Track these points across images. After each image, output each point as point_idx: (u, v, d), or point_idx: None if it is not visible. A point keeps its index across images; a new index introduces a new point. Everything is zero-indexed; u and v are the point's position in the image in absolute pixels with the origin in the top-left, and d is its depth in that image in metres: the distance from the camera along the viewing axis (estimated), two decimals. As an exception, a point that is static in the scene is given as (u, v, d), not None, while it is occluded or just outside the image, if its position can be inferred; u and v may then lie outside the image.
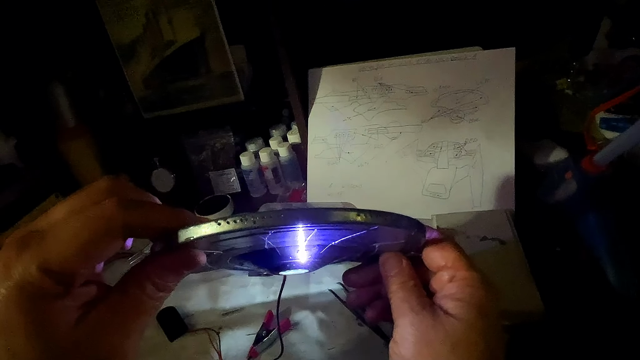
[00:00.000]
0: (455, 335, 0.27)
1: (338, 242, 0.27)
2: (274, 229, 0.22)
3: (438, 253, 0.30)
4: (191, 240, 0.22)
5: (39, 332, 0.18)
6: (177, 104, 0.83)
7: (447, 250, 0.30)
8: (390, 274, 0.31)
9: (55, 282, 0.19)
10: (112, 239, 0.20)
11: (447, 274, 0.30)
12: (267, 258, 0.29)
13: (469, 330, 0.27)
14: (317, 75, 0.73)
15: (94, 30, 0.78)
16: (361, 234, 0.25)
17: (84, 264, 0.20)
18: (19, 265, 0.18)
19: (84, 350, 0.19)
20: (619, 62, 0.64)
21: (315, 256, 0.29)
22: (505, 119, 0.62)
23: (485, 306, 0.28)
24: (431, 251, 0.30)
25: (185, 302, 0.60)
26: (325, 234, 0.25)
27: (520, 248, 0.52)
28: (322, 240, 0.26)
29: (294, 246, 0.26)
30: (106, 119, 0.89)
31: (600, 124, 0.60)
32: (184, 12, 0.75)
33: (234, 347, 0.53)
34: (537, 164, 0.65)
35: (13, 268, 0.18)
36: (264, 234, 0.23)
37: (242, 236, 0.23)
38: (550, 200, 0.57)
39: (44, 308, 0.18)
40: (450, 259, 0.30)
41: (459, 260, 0.30)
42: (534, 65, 0.71)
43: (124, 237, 0.21)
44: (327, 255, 0.29)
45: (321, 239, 0.26)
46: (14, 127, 0.81)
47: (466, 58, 0.64)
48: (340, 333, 0.51)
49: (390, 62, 0.69)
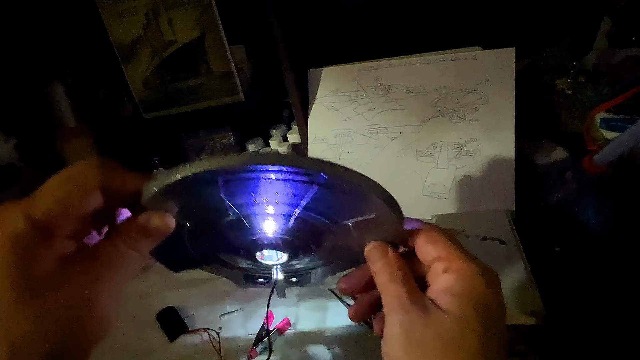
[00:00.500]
0: (448, 335, 0.25)
1: (300, 210, 0.26)
2: (223, 170, 0.22)
3: (430, 245, 0.28)
4: (153, 192, 0.23)
5: (20, 273, 0.21)
6: (177, 104, 0.83)
7: (439, 241, 0.28)
8: (377, 266, 0.28)
9: (38, 231, 0.22)
10: (87, 193, 0.23)
11: (442, 265, 0.27)
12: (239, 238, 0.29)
13: (463, 329, 0.25)
14: (317, 75, 0.73)
15: (94, 30, 0.78)
16: (316, 195, 0.24)
17: (63, 213, 0.22)
18: (10, 216, 0.22)
19: (58, 296, 0.22)
20: (619, 62, 0.64)
21: (284, 229, 0.28)
22: (505, 119, 0.62)
23: (482, 301, 0.26)
24: (423, 243, 0.28)
25: (185, 302, 0.60)
26: (279, 192, 0.25)
27: (520, 248, 0.52)
28: (284, 205, 0.26)
29: (258, 214, 0.27)
30: (106, 119, 0.88)
31: (600, 124, 0.60)
32: (184, 12, 0.75)
33: (234, 347, 0.53)
34: (537, 164, 0.65)
35: (5, 218, 0.22)
36: (214, 181, 0.23)
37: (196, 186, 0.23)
38: (550, 200, 0.57)
39: (27, 252, 0.21)
40: (444, 249, 0.27)
41: (453, 251, 0.27)
42: (534, 65, 0.71)
43: (101, 194, 0.23)
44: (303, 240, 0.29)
45: (280, 202, 0.26)
46: (14, 127, 0.81)
47: (466, 58, 0.64)
48: (340, 333, 0.51)
49: (390, 62, 0.69)
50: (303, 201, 0.26)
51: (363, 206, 0.26)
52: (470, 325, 0.25)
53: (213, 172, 0.22)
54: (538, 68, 0.71)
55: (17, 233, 0.21)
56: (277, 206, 0.27)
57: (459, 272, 0.26)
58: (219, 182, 0.23)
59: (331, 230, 0.29)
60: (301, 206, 0.26)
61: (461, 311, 0.25)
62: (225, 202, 0.25)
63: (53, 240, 0.22)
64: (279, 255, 0.30)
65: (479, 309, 0.25)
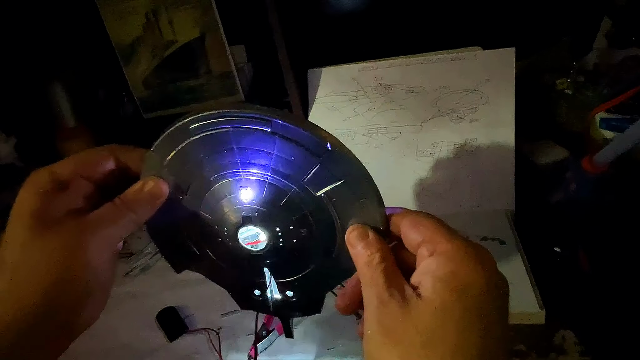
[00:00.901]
0: (427, 328, 0.22)
1: (270, 174, 0.28)
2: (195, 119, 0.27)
3: (414, 229, 0.26)
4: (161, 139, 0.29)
5: (38, 212, 0.27)
6: (177, 104, 0.83)
7: (424, 224, 0.26)
8: (356, 249, 0.27)
9: (57, 184, 0.28)
10: (101, 158, 0.30)
11: (427, 248, 0.25)
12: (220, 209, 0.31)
13: (444, 320, 0.22)
14: (317, 75, 0.73)
15: (94, 30, 0.78)
16: (280, 151, 0.27)
17: (78, 170, 0.29)
18: (39, 172, 0.29)
19: (62, 236, 0.26)
20: (619, 62, 0.64)
21: (259, 199, 0.29)
22: (505, 119, 0.62)
23: (469, 284, 0.23)
24: (407, 228, 0.26)
25: (185, 302, 0.60)
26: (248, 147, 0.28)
27: (520, 248, 0.52)
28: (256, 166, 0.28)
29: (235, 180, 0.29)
30: (106, 119, 0.89)
31: (600, 124, 0.60)
32: (184, 12, 0.75)
33: (234, 347, 0.53)
34: (537, 164, 0.65)
35: (35, 174, 0.28)
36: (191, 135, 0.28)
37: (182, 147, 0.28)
38: (550, 200, 0.57)
39: (45, 198, 0.27)
40: (429, 231, 0.25)
41: (438, 232, 0.25)
42: (534, 65, 0.71)
43: (113, 160, 0.30)
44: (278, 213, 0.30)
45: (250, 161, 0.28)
46: (14, 127, 0.81)
47: (466, 58, 0.64)
48: (340, 333, 0.51)
49: (390, 62, 0.69)
50: (271, 161, 0.28)
51: (329, 171, 0.27)
52: (453, 315, 0.22)
53: (188, 121, 0.27)
54: (538, 68, 0.71)
55: (40, 184, 0.28)
56: (250, 167, 0.29)
57: (445, 254, 0.24)
58: (194, 135, 0.28)
59: (305, 205, 0.29)
60: (272, 168, 0.28)
61: (443, 298, 0.22)
62: (204, 159, 0.29)
63: (67, 193, 0.28)
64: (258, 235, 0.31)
65: (463, 294, 0.23)
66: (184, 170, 0.30)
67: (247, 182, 0.29)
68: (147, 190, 0.29)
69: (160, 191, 0.30)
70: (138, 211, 0.29)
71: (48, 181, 0.28)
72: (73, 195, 0.28)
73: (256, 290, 0.36)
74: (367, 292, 0.25)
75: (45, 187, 0.27)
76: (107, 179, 0.30)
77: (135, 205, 0.29)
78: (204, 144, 0.28)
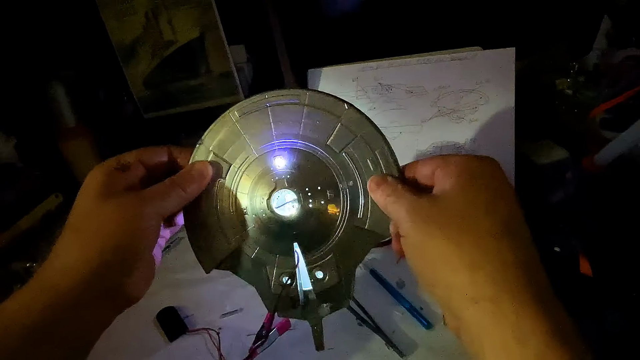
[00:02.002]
0: (454, 208, 0.27)
1: (299, 140, 0.34)
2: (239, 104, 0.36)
3: (426, 164, 0.31)
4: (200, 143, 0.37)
5: (105, 185, 0.32)
6: (177, 104, 0.83)
7: (434, 158, 0.31)
8: (378, 193, 0.32)
9: (121, 166, 0.34)
10: (158, 150, 0.36)
11: (441, 169, 0.30)
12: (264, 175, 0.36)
13: (469, 200, 0.27)
14: (317, 75, 0.73)
15: (94, 30, 0.78)
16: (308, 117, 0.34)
17: (139, 157, 0.35)
18: (108, 160, 0.35)
19: (123, 205, 0.32)
20: (619, 62, 0.64)
21: (290, 163, 0.35)
22: (505, 119, 0.62)
23: (484, 175, 0.29)
24: (420, 168, 0.31)
25: (185, 302, 0.60)
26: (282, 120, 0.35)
27: (520, 248, 0.52)
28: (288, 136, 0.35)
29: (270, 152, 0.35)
30: (106, 119, 0.88)
31: (600, 124, 0.60)
32: (184, 12, 0.75)
33: (234, 347, 0.53)
34: (537, 164, 0.65)
35: (105, 161, 0.35)
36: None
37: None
38: (550, 200, 0.57)
39: (111, 177, 0.33)
40: (439, 159, 0.30)
41: (446, 157, 0.30)
42: (534, 65, 0.71)
43: (167, 154, 0.37)
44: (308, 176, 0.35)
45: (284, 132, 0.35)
46: (14, 127, 0.80)
47: (466, 58, 0.64)
48: (340, 333, 0.51)
49: (390, 62, 0.69)
50: (301, 128, 0.34)
51: (348, 129, 0.33)
52: (477, 196, 0.27)
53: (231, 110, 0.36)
54: (538, 68, 0.71)
55: (108, 165, 0.34)
56: (283, 137, 0.35)
57: (457, 164, 0.29)
58: (236, 121, 0.36)
59: (329, 164, 0.34)
60: (299, 134, 0.34)
61: (463, 184, 0.28)
62: (244, 139, 0.35)
63: (128, 174, 0.34)
64: (290, 198, 0.35)
65: (481, 176, 0.28)
66: (226, 154, 0.36)
67: (281, 152, 0.35)
68: (194, 170, 0.35)
69: (206, 170, 0.35)
70: (186, 188, 0.34)
71: (114, 163, 0.34)
72: (132, 176, 0.34)
73: (284, 277, 0.36)
74: (397, 207, 0.30)
75: (111, 167, 0.34)
76: (159, 167, 0.36)
77: (184, 183, 0.34)
78: (244, 125, 0.35)
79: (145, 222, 0.31)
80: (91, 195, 0.32)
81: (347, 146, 0.33)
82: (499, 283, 0.25)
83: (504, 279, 0.25)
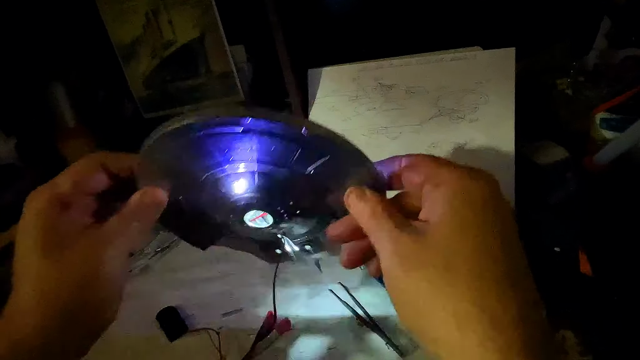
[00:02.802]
0: (447, 249, 0.23)
1: (257, 164, 0.29)
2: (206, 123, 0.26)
3: (414, 170, 0.27)
4: (144, 148, 0.30)
5: (45, 234, 0.28)
6: (177, 104, 0.83)
7: (422, 164, 0.27)
8: (357, 208, 0.27)
9: (59, 203, 0.29)
10: (92, 171, 0.31)
11: (430, 185, 0.25)
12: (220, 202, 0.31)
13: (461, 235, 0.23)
14: (317, 75, 0.73)
15: (94, 30, 0.78)
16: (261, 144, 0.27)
17: (76, 187, 0.30)
18: (37, 195, 0.29)
19: (74, 254, 0.28)
20: (619, 62, 0.64)
21: (253, 187, 0.30)
22: (505, 119, 0.62)
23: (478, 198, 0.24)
24: (407, 172, 0.28)
25: (185, 302, 0.60)
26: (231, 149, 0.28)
27: (520, 248, 0.52)
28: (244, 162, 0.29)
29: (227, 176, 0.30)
30: (106, 119, 0.88)
31: (600, 124, 0.60)
32: (184, 12, 0.75)
33: (234, 347, 0.53)
34: (537, 164, 0.65)
35: (34, 196, 0.29)
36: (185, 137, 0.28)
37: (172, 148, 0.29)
38: (550, 200, 0.57)
39: (50, 220, 0.28)
40: (428, 169, 0.26)
41: (436, 166, 0.26)
42: (534, 65, 0.71)
43: (104, 174, 0.31)
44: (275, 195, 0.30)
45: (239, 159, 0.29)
46: (14, 127, 0.80)
47: (466, 58, 0.64)
48: (340, 333, 0.51)
49: (390, 62, 0.69)
50: (254, 155, 0.28)
51: (313, 150, 0.27)
52: (469, 229, 0.23)
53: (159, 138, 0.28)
54: (538, 68, 0.71)
55: (41, 207, 0.28)
56: (235, 163, 0.29)
57: (448, 182, 0.25)
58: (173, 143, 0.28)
59: (299, 183, 0.30)
60: (257, 159, 0.29)
61: (454, 215, 0.23)
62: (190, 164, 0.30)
63: (71, 211, 0.29)
64: (264, 218, 0.32)
65: (473, 206, 0.24)
66: (175, 174, 0.31)
67: (237, 176, 0.30)
68: (145, 201, 0.31)
69: (158, 199, 0.31)
70: (142, 220, 0.30)
71: (49, 204, 0.29)
72: (77, 212, 0.30)
73: (277, 250, 0.38)
74: (378, 238, 0.26)
75: (47, 209, 0.29)
76: (103, 187, 0.32)
77: (138, 216, 0.30)
78: (184, 151, 0.29)
79: (110, 267, 0.28)
80: (36, 249, 0.27)
81: (315, 166, 0.29)
82: (489, 350, 0.21)
83: (493, 342, 0.21)
